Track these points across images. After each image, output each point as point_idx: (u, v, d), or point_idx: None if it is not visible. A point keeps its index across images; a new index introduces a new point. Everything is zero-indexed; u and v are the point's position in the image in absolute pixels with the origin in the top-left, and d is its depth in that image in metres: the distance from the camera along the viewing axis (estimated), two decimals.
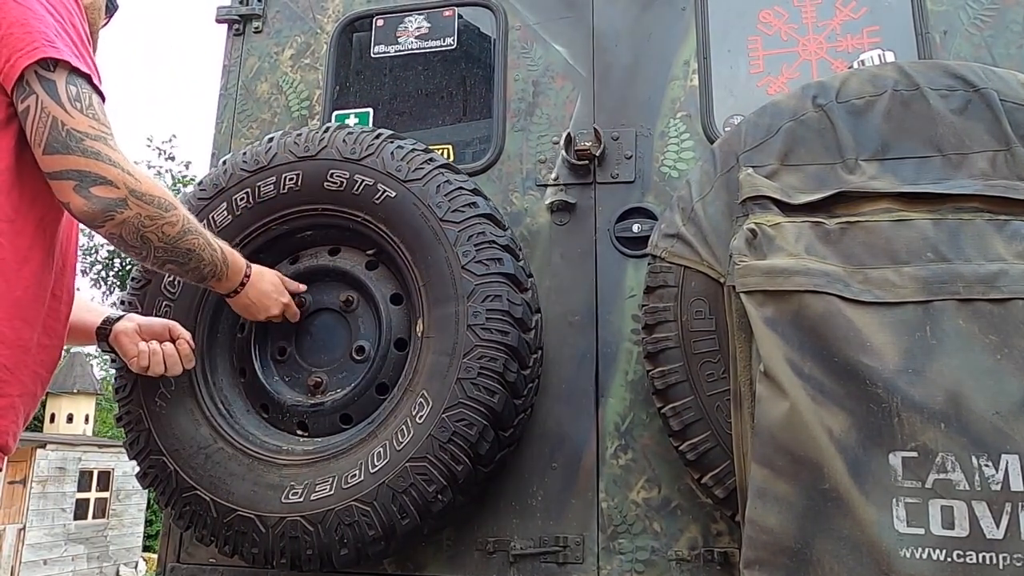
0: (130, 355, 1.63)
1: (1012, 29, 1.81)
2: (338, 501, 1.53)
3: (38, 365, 1.34)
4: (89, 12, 1.51)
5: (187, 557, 1.92)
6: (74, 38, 1.31)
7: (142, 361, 1.62)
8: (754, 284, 1.28)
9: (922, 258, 1.26)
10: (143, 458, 1.69)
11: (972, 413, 1.14)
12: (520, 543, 1.72)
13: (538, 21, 2.08)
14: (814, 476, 1.17)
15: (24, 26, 1.24)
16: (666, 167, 1.89)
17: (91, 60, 1.34)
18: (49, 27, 1.26)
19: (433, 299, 1.61)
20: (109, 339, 1.65)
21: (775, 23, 1.95)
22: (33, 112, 1.23)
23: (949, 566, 1.10)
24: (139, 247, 1.36)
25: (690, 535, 1.65)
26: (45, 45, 1.24)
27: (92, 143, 1.26)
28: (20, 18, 1.24)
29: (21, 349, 1.28)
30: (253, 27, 2.32)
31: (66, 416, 14.92)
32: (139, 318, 1.67)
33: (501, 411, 1.56)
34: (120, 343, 1.64)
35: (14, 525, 12.20)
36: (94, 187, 1.26)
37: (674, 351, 1.49)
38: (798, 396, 1.19)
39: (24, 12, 1.25)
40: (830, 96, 1.45)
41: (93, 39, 1.53)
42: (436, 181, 1.66)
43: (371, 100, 2.19)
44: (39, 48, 1.23)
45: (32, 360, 1.31)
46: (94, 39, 1.55)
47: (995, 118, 1.37)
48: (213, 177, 1.81)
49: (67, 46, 1.27)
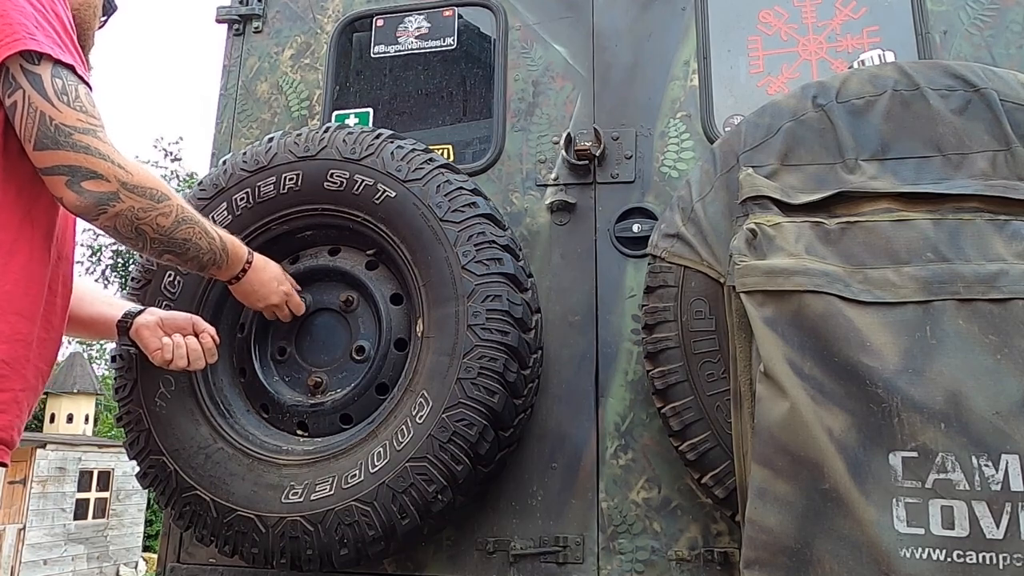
0: (152, 348, 1.62)
1: (1012, 29, 1.81)
2: (338, 501, 1.53)
3: (39, 359, 1.34)
4: (83, 10, 1.50)
5: (187, 557, 1.92)
6: (57, 28, 1.30)
7: (165, 354, 1.61)
8: (754, 284, 1.28)
9: (922, 258, 1.26)
10: (143, 458, 1.69)
11: (972, 413, 1.14)
12: (520, 543, 1.72)
13: (538, 21, 2.08)
14: (814, 476, 1.17)
15: (4, 17, 1.23)
16: (666, 167, 1.89)
17: (75, 50, 1.33)
18: (29, 18, 1.25)
19: (433, 299, 1.61)
20: (130, 333, 1.64)
21: (775, 23, 1.95)
22: (21, 108, 1.23)
23: (949, 566, 1.10)
24: (134, 238, 1.36)
25: (690, 535, 1.65)
26: (26, 37, 1.23)
27: (81, 137, 1.26)
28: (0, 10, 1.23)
29: (20, 343, 1.27)
30: (253, 27, 2.32)
31: (66, 416, 14.92)
32: (161, 312, 1.67)
33: (501, 411, 1.56)
34: (141, 337, 1.63)
35: (14, 525, 12.20)
36: (85, 181, 1.26)
37: (674, 351, 1.49)
38: (798, 396, 1.19)
39: (3, 3, 1.24)
40: (830, 96, 1.45)
41: (87, 38, 1.52)
42: (436, 181, 1.66)
43: (371, 100, 2.19)
44: (20, 40, 1.22)
45: (33, 354, 1.31)
46: (89, 38, 1.54)
47: (995, 118, 1.37)
48: (213, 177, 1.81)
49: (48, 38, 1.26)
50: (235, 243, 1.57)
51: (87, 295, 1.67)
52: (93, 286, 1.76)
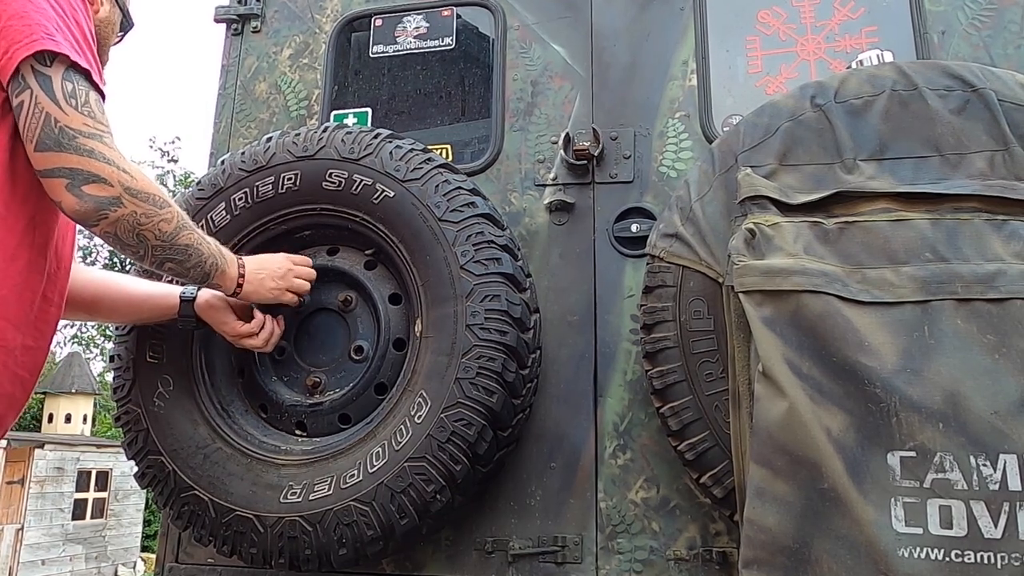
0: (229, 323, 1.63)
1: (1010, 29, 1.81)
2: (337, 501, 1.53)
3: (19, 367, 1.30)
4: (103, 26, 1.49)
5: (185, 557, 1.91)
6: (76, 33, 1.28)
7: (254, 328, 1.64)
8: (752, 284, 1.28)
9: (920, 258, 1.26)
10: (141, 458, 1.69)
11: (970, 413, 1.14)
12: (519, 543, 1.72)
13: (537, 21, 2.08)
14: (812, 476, 1.17)
15: (24, 18, 1.21)
16: (664, 167, 1.89)
17: (92, 56, 1.31)
18: (50, 20, 1.24)
19: (432, 299, 1.61)
20: (195, 308, 1.64)
21: (773, 23, 1.95)
22: (27, 107, 1.21)
23: (947, 566, 1.10)
24: (135, 245, 1.34)
25: (688, 535, 1.65)
26: (44, 38, 1.21)
27: (86, 141, 1.23)
28: (20, 10, 1.22)
29: (2, 350, 1.25)
30: (251, 27, 2.32)
31: (64, 416, 14.91)
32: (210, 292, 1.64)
33: (500, 411, 1.56)
34: (213, 314, 1.64)
35: (12, 525, 12.19)
36: (86, 185, 1.23)
37: (672, 351, 1.49)
38: (796, 396, 1.19)
39: (24, 4, 1.22)
40: (828, 96, 1.45)
41: (103, 54, 1.52)
42: (435, 181, 1.66)
43: (370, 100, 2.19)
44: (38, 40, 1.21)
45: (12, 361, 1.28)
46: (105, 54, 1.53)
47: (993, 118, 1.37)
48: (212, 177, 1.81)
49: (67, 40, 1.25)
50: (226, 250, 1.56)
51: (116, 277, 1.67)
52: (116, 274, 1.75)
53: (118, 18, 1.56)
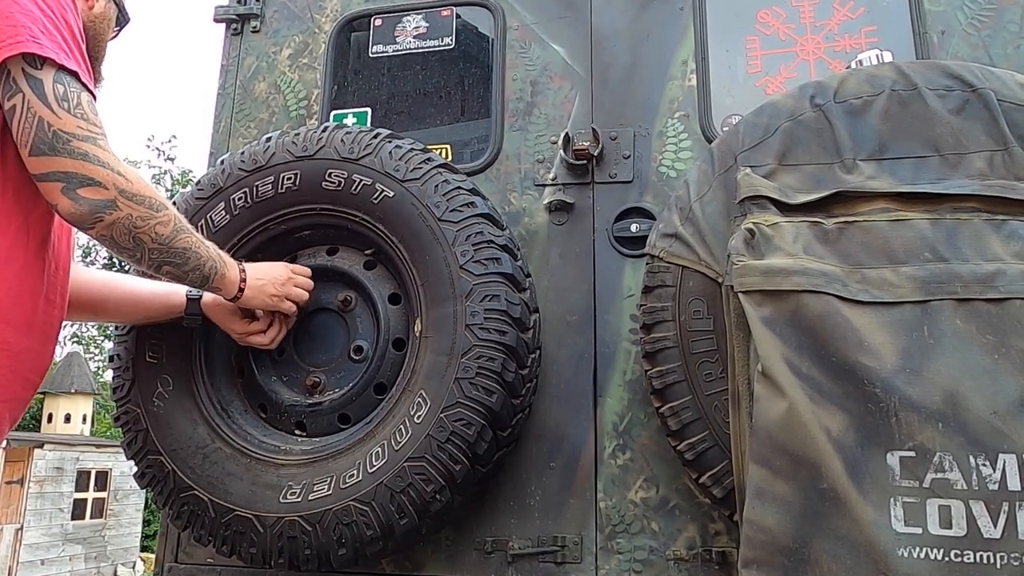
0: (236, 322, 1.65)
1: (1009, 29, 1.81)
2: (336, 501, 1.53)
3: (28, 371, 1.30)
4: (99, 22, 1.49)
5: (185, 557, 1.91)
6: (64, 34, 1.27)
7: (262, 326, 1.66)
8: (752, 284, 1.28)
9: (920, 258, 1.26)
10: (141, 458, 1.69)
11: (969, 413, 1.14)
12: (518, 543, 1.72)
13: (536, 21, 2.08)
14: (812, 476, 1.17)
15: (8, 18, 1.21)
16: (664, 167, 1.89)
17: (81, 58, 1.30)
18: (36, 21, 1.23)
19: (431, 299, 1.61)
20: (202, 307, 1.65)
21: (773, 23, 1.95)
22: (19, 112, 1.20)
23: (946, 565, 1.10)
24: (132, 248, 1.33)
25: (688, 535, 1.65)
26: (29, 40, 1.20)
27: (80, 144, 1.23)
28: (4, 10, 1.21)
29: (6, 354, 1.24)
30: (251, 27, 2.32)
31: (64, 416, 14.90)
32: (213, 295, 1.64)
33: (499, 411, 1.56)
34: (220, 312, 1.65)
35: (11, 525, 12.18)
36: (81, 188, 1.23)
37: (672, 351, 1.49)
38: (796, 396, 1.19)
39: (9, 5, 1.22)
40: (828, 96, 1.46)
41: (100, 49, 1.51)
42: (434, 181, 1.66)
43: (369, 100, 2.19)
44: (22, 42, 1.20)
45: (21, 365, 1.28)
46: (102, 49, 1.53)
47: (992, 118, 1.37)
48: (211, 177, 1.81)
49: (54, 42, 1.24)
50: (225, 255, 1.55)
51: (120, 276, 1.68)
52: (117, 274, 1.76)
53: (113, 13, 1.56)
